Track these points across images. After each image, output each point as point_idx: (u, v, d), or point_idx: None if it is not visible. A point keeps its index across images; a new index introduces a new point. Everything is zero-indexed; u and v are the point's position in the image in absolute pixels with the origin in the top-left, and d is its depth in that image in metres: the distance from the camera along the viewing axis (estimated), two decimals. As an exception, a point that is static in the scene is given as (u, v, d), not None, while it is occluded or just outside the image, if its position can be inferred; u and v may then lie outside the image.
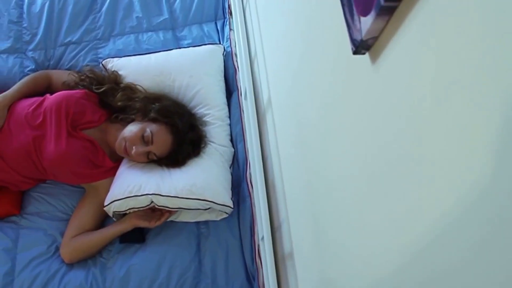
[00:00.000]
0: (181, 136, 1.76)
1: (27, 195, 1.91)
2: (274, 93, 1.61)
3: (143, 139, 1.73)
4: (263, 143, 1.82)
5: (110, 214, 1.77)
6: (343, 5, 0.81)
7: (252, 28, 1.94)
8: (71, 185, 1.90)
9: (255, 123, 1.73)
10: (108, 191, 1.79)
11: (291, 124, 1.36)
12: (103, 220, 1.85)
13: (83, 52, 2.06)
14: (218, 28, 2.10)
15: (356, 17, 0.76)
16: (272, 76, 1.63)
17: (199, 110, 1.88)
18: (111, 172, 1.84)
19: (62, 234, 1.81)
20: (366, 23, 0.72)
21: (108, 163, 1.82)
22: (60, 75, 1.98)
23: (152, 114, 1.76)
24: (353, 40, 0.79)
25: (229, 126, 1.90)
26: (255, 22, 1.86)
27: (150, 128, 1.74)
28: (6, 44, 2.06)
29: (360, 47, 0.77)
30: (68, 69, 2.04)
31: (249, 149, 1.76)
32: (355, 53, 0.79)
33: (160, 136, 1.74)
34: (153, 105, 1.79)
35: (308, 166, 1.21)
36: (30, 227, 1.82)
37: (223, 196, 1.72)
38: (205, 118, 1.88)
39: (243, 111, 1.90)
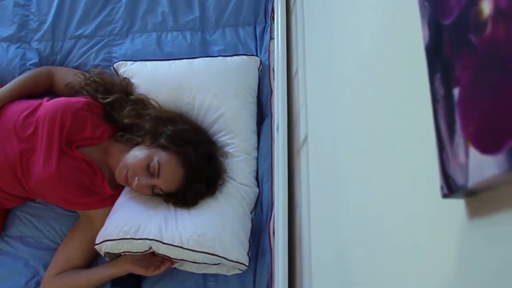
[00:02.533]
0: (195, 170, 1.47)
1: (11, 214, 1.70)
2: (313, 128, 1.32)
3: (148, 170, 1.45)
4: (293, 187, 1.51)
5: (102, 254, 1.50)
6: (436, 109, 0.47)
7: (296, 39, 1.61)
8: (64, 208, 1.64)
9: (284, 163, 1.42)
10: (103, 222, 1.52)
11: (328, 172, 1.05)
12: (95, 256, 1.58)
13: (95, 48, 1.80)
14: (257, 34, 1.79)
15: (460, 141, 0.42)
16: (313, 104, 1.31)
17: (221, 138, 1.58)
18: (110, 201, 1.58)
19: (46, 266, 1.58)
20: (483, 164, 0.38)
21: (107, 190, 1.56)
22: (65, 75, 1.72)
23: (162, 140, 1.48)
24: (446, 177, 0.45)
25: (255, 161, 1.61)
26: (300, 32, 1.52)
27: (158, 157, 1.46)
28: (9, 31, 1.82)
29: (457, 191, 0.44)
30: (75, 67, 1.79)
31: (276, 194, 1.46)
32: (445, 195, 0.46)
33: (169, 169, 1.46)
34: (165, 128, 1.51)
35: (344, 230, 0.92)
36: (9, 254, 1.61)
37: (238, 251, 1.43)
38: (227, 149, 1.58)
39: (274, 143, 1.57)
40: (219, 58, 1.67)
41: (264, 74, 1.71)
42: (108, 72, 1.72)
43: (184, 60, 1.68)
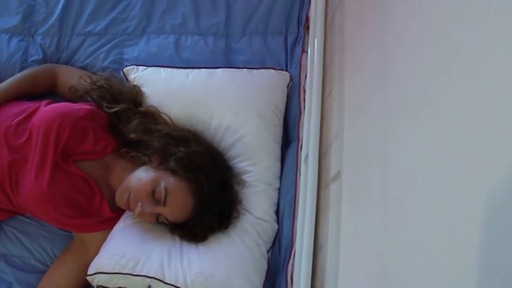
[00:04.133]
0: (207, 201, 1.28)
1: None
2: (350, 163, 1.13)
3: (154, 196, 1.26)
4: (319, 226, 1.30)
5: (94, 286, 1.31)
6: None
7: (333, 54, 1.40)
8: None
9: (313, 200, 1.22)
10: (98, 248, 1.34)
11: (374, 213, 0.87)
12: (86, 285, 1.39)
13: (105, 48, 1.60)
14: (288, 45, 1.58)
15: None
16: (352, 135, 1.13)
17: (239, 164, 1.39)
18: (108, 224, 1.39)
19: (31, 293, 1.38)
20: None
21: (106, 212, 1.37)
22: (70, 76, 1.54)
23: (172, 163, 1.28)
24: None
25: (277, 192, 1.40)
26: (338, 46, 1.31)
27: (166, 182, 1.26)
28: (13, 21, 1.64)
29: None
30: (82, 67, 1.60)
31: (299, 233, 1.26)
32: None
33: (177, 197, 1.27)
34: (176, 149, 1.31)
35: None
36: (-9, 275, 1.41)
37: (249, 298, 1.23)
38: (245, 177, 1.38)
39: (300, 173, 1.37)
40: (244, 70, 1.47)
41: (293, 92, 1.50)
42: (117, 77, 1.53)
43: (204, 69, 1.47)
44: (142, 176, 1.31)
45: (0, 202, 1.40)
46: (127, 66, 1.53)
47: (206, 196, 1.28)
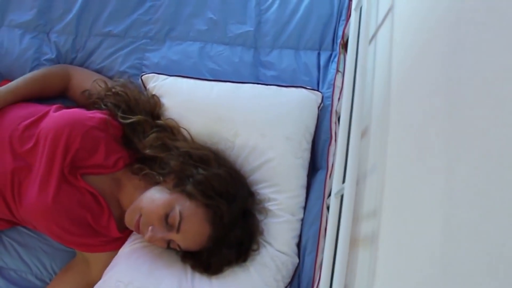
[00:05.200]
0: (225, 231, 1.17)
1: None
2: (393, 203, 1.00)
3: (167, 220, 1.15)
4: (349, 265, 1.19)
5: (93, 313, 1.20)
6: None
7: (373, 76, 1.27)
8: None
9: (346, 239, 1.10)
10: (101, 271, 1.23)
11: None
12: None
13: (124, 51, 1.49)
14: (321, 62, 1.45)
15: None
16: (396, 171, 1.00)
17: (262, 191, 1.27)
18: (114, 245, 1.29)
19: (25, 312, 1.27)
20: None
21: (113, 232, 1.26)
22: (83, 79, 1.42)
23: (189, 186, 1.17)
24: None
25: (300, 223, 1.28)
26: (381, 70, 1.19)
27: (181, 206, 1.15)
28: (27, 16, 1.52)
29: None
30: (97, 70, 1.48)
31: (324, 271, 1.14)
32: None
33: (192, 224, 1.16)
34: (195, 170, 1.20)
35: None
36: (-16, 290, 1.30)
37: None
38: (268, 205, 1.27)
39: (326, 203, 1.25)
40: (273, 87, 1.34)
41: (323, 114, 1.38)
42: (135, 84, 1.41)
43: (230, 83, 1.35)
44: (155, 197, 1.19)
45: (0, 212, 1.28)
46: (146, 73, 1.41)
47: (225, 226, 1.17)
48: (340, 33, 1.47)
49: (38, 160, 1.23)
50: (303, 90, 1.35)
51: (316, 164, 1.35)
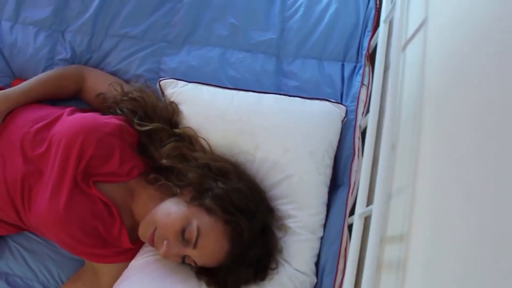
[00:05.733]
0: (244, 248, 1.13)
1: (1, 241, 1.38)
2: (426, 224, 0.95)
3: (183, 235, 1.10)
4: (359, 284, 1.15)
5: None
6: None
7: (401, 93, 1.23)
8: (66, 249, 1.29)
9: (372, 264, 1.05)
10: (111, 282, 1.20)
11: None
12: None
13: (141, 54, 1.44)
14: (345, 74, 1.40)
15: None
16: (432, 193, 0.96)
17: (282, 207, 1.22)
18: (125, 256, 1.24)
19: (30, 321, 1.23)
20: None
21: (125, 243, 1.21)
22: (98, 81, 1.38)
23: (208, 200, 1.12)
24: None
25: (319, 242, 1.23)
26: (411, 85, 1.14)
27: (199, 221, 1.11)
28: (42, 14, 1.48)
29: None
30: (112, 73, 1.44)
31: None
32: None
33: (211, 240, 1.12)
34: (214, 184, 1.15)
35: None
36: (-11, 297, 1.26)
37: None
38: (287, 221, 1.23)
39: (347, 222, 1.21)
40: (297, 99, 1.30)
41: (346, 129, 1.33)
42: (152, 88, 1.36)
43: (252, 93, 1.30)
44: (172, 210, 1.14)
45: (8, 217, 1.24)
46: (164, 78, 1.36)
47: (244, 243, 1.12)
48: (365, 44, 1.42)
49: (50, 166, 1.19)
50: (327, 103, 1.30)
51: (337, 180, 1.31)
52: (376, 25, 1.45)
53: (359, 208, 1.17)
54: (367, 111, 1.39)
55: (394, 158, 1.19)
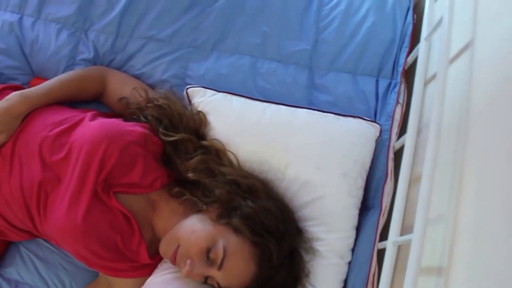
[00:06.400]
0: (271, 272, 1.07)
1: (13, 247, 1.33)
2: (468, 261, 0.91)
3: (208, 255, 1.04)
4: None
5: None
6: None
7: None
8: (80, 260, 1.23)
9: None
10: (127, 298, 1.13)
11: None
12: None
13: (167, 58, 1.39)
14: (379, 91, 1.35)
15: None
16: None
17: (311, 228, 1.18)
18: (142, 272, 1.20)
19: (40, 334, 1.18)
20: None
21: (143, 258, 1.16)
22: (122, 85, 1.33)
23: (236, 219, 1.07)
24: None
25: (347, 267, 1.18)
26: (453, 108, 1.09)
27: (226, 241, 1.06)
28: (66, 11, 1.43)
29: None
30: (136, 76, 1.39)
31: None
32: None
33: (237, 262, 1.07)
34: (243, 202, 1.10)
35: None
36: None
37: None
38: (315, 244, 1.17)
39: (376, 250, 1.16)
40: (330, 115, 1.24)
41: (379, 149, 1.27)
42: (178, 95, 1.30)
43: (284, 107, 1.25)
44: (196, 228, 1.09)
45: (22, 224, 1.19)
46: (192, 86, 1.30)
47: (272, 267, 1.07)
48: (401, 61, 1.37)
49: (69, 173, 1.13)
50: (361, 121, 1.25)
51: (368, 203, 1.25)
52: (413, 41, 1.39)
53: (393, 235, 1.12)
54: (400, 131, 1.35)
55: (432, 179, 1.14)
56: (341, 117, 1.24)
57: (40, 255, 1.27)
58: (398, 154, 1.34)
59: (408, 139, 1.18)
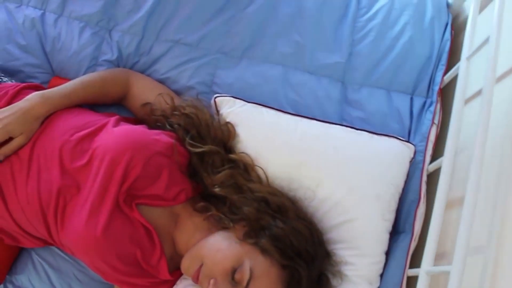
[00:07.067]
0: (298, 296, 1.01)
1: (25, 253, 1.29)
2: None
3: (233, 276, 1.00)
4: None
5: None
6: None
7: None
8: (94, 270, 1.19)
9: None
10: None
11: None
12: None
13: (194, 63, 1.35)
14: (414, 109, 1.30)
15: None
16: None
17: (340, 252, 1.14)
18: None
19: None
20: None
21: (163, 273, 1.12)
22: (146, 89, 1.29)
23: (264, 240, 1.02)
24: None
25: (375, 293, 1.13)
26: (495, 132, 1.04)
27: (253, 262, 1.02)
28: (91, 8, 1.38)
29: None
30: (160, 81, 1.34)
31: None
32: None
33: (264, 285, 1.06)
34: (273, 222, 1.05)
35: None
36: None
37: None
38: (344, 268, 1.12)
39: (406, 277, 1.12)
40: (365, 134, 1.20)
41: (412, 171, 1.23)
42: (205, 103, 1.25)
43: (317, 122, 1.20)
44: (222, 246, 1.05)
45: (37, 231, 1.14)
46: (221, 95, 1.25)
47: (300, 291, 1.02)
48: (437, 79, 1.32)
49: (89, 182, 1.08)
50: (396, 141, 1.20)
51: (398, 227, 1.21)
52: (450, 59, 1.35)
53: (427, 263, 1.08)
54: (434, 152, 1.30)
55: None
56: (375, 136, 1.20)
57: (53, 264, 1.23)
58: (430, 176, 1.30)
59: (446, 162, 1.13)
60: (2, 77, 1.27)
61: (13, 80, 1.29)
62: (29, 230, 1.15)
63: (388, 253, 1.18)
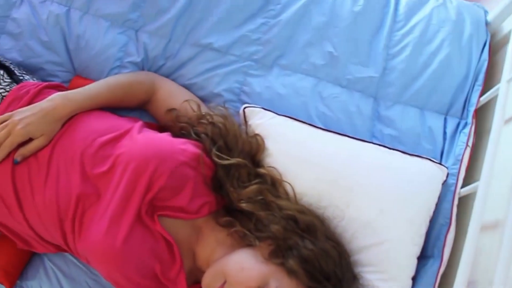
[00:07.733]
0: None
1: (37, 258, 1.25)
2: None
3: (258, 296, 0.97)
4: None
5: None
6: None
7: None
8: (109, 280, 1.16)
9: None
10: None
11: None
12: None
13: (223, 70, 1.31)
14: (447, 130, 1.27)
15: None
16: None
17: (367, 275, 1.12)
18: (178, 301, 1.08)
19: None
20: None
21: (181, 286, 1.05)
22: (171, 95, 1.26)
23: (292, 261, 0.98)
24: None
25: (400, 320, 1.10)
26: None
27: (278, 283, 1.01)
28: (118, 7, 1.35)
29: None
30: (186, 87, 1.31)
31: None
32: None
33: (289, 308, 0.97)
34: (301, 242, 1.01)
35: None
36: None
37: None
38: (370, 294, 1.07)
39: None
40: (397, 153, 1.17)
41: (444, 194, 1.19)
42: (232, 112, 1.22)
43: (349, 139, 1.17)
44: (246, 264, 1.02)
45: (52, 238, 1.11)
46: (250, 105, 1.22)
47: (326, 316, 0.99)
48: (473, 100, 1.29)
49: (111, 190, 1.05)
50: (429, 162, 1.17)
51: (426, 251, 1.18)
52: (487, 80, 1.31)
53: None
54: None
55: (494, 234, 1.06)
56: (407, 156, 1.17)
57: (65, 271, 1.20)
58: (460, 199, 1.26)
59: (481, 187, 1.10)
60: (24, 75, 1.23)
61: (34, 79, 1.25)
62: (43, 235, 1.12)
63: (414, 278, 1.15)
